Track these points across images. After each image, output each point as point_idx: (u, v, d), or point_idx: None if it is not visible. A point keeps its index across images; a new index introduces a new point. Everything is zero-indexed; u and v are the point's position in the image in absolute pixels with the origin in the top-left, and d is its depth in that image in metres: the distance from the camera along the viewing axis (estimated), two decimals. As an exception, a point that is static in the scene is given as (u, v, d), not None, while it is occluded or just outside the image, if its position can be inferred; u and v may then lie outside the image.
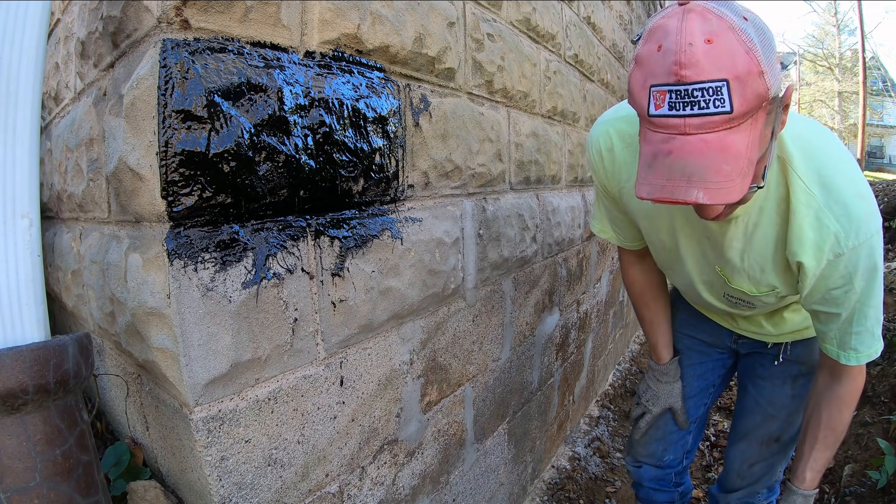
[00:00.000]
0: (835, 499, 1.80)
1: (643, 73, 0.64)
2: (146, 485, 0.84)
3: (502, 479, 1.61)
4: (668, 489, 1.40)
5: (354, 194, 0.89)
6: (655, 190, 0.64)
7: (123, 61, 0.72)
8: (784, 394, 1.15)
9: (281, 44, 0.75)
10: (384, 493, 1.04)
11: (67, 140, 1.02)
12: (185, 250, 0.64)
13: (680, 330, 1.30)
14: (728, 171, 0.61)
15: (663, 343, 1.26)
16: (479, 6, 1.27)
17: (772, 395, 1.17)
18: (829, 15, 22.60)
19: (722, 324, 1.23)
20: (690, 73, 0.59)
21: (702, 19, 0.59)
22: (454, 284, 1.20)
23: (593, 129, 1.02)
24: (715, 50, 0.58)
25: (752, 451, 1.22)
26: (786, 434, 1.18)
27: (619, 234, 1.16)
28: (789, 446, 1.21)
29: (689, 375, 1.29)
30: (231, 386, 0.71)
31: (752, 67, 0.58)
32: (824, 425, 0.96)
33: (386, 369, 1.00)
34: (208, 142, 0.65)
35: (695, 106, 0.59)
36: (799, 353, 1.13)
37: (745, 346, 1.22)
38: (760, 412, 1.19)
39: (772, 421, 1.18)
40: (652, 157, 0.65)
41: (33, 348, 0.65)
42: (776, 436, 1.18)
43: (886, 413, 2.07)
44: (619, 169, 0.99)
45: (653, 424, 1.30)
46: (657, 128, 0.64)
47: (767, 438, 1.19)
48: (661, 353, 1.27)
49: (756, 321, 1.14)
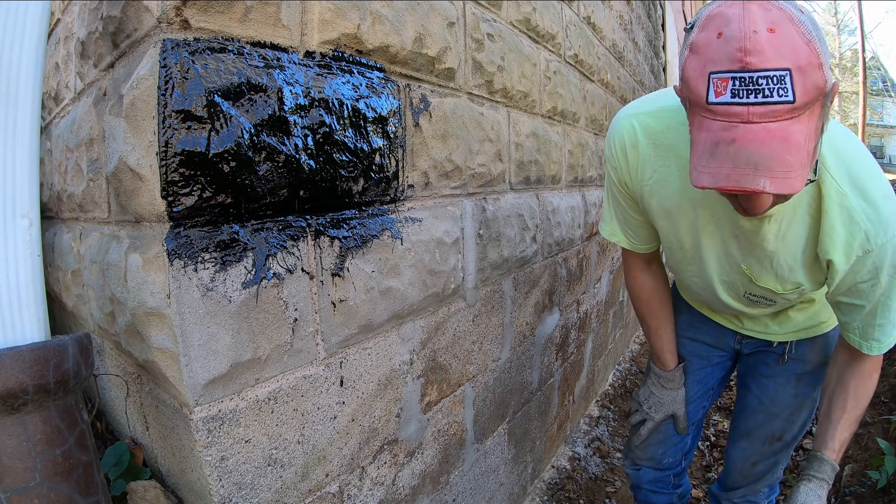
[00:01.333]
0: (835, 499, 1.80)
1: (701, 60, 0.63)
2: (146, 485, 0.84)
3: (502, 479, 1.61)
4: (667, 491, 1.40)
5: (354, 194, 0.89)
6: (720, 179, 0.63)
7: (123, 61, 0.72)
8: (787, 392, 1.15)
9: (281, 44, 0.75)
10: (384, 493, 1.04)
11: (67, 140, 1.02)
12: (185, 250, 0.64)
13: (682, 334, 1.28)
14: (791, 161, 0.61)
15: (669, 349, 1.24)
16: (479, 6, 1.27)
17: (775, 394, 1.17)
18: (829, 15, 22.61)
19: (726, 325, 1.23)
20: (755, 61, 0.59)
21: (763, 9, 0.60)
22: (454, 284, 1.20)
23: (615, 124, 0.99)
24: (778, 39, 0.58)
25: (755, 450, 1.22)
26: (788, 433, 1.18)
27: (631, 237, 1.12)
28: (791, 445, 1.21)
29: (689, 381, 1.28)
30: (231, 386, 0.71)
31: (813, 59, 0.59)
32: (851, 395, 0.96)
33: (386, 369, 1.00)
34: (208, 142, 0.65)
35: (759, 94, 0.59)
36: (803, 351, 1.14)
37: (749, 345, 1.22)
38: (763, 411, 1.19)
39: (775, 419, 1.18)
40: (713, 146, 0.64)
41: (33, 348, 0.65)
42: (779, 434, 1.18)
43: (886, 413, 2.07)
44: (643, 165, 0.97)
45: (654, 431, 1.29)
46: (717, 116, 0.63)
47: (770, 437, 1.19)
48: (667, 359, 1.24)
49: (762, 321, 1.14)
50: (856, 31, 17.94)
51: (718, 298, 1.07)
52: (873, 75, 25.11)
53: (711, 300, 1.13)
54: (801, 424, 1.18)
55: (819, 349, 1.13)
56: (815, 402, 1.18)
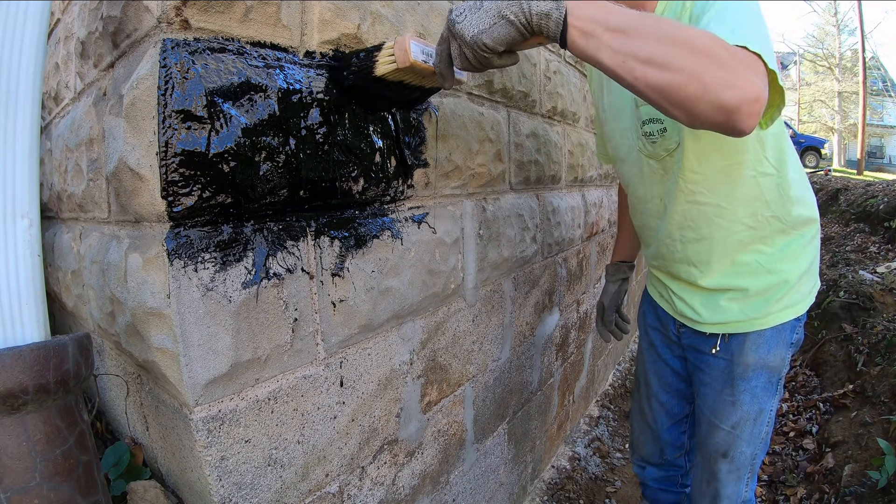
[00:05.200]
0: (835, 499, 1.80)
1: None
2: (146, 485, 0.84)
3: (502, 479, 1.61)
4: (674, 490, 1.40)
5: (354, 194, 0.89)
6: None
7: (123, 61, 0.72)
8: (724, 400, 1.09)
9: (281, 44, 0.75)
10: (384, 493, 1.04)
11: (67, 140, 1.02)
12: (185, 250, 0.64)
13: (643, 321, 1.38)
14: None
15: (618, 248, 1.53)
16: (479, 6, 1.26)
17: (713, 403, 1.11)
18: (829, 15, 22.60)
19: (665, 308, 1.24)
20: None
21: None
22: (454, 284, 1.20)
23: None
24: None
25: (706, 467, 1.16)
26: (734, 449, 1.09)
27: (602, 150, 1.33)
28: (742, 469, 1.11)
29: (657, 410, 1.35)
30: (231, 386, 0.71)
31: None
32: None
33: (386, 369, 1.00)
34: (208, 142, 0.65)
35: None
36: (735, 348, 1.07)
37: (687, 335, 1.18)
38: (705, 421, 1.14)
39: (717, 431, 1.11)
40: None
41: (33, 348, 0.65)
42: (723, 450, 1.11)
43: (886, 413, 2.07)
44: (590, 75, 1.27)
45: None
46: None
47: (714, 452, 1.12)
48: (614, 255, 1.53)
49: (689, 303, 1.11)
50: (856, 31, 17.93)
51: (634, 157, 1.12)
52: (873, 75, 25.10)
53: (630, 174, 1.17)
54: (748, 441, 1.09)
55: (752, 348, 1.05)
56: (763, 423, 1.09)
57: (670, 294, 1.18)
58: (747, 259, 1.03)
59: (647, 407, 1.37)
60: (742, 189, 0.98)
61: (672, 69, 0.60)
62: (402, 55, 0.77)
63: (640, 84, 0.63)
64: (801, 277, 1.04)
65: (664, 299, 1.23)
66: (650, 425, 1.37)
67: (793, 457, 2.21)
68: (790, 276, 1.03)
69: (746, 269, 1.03)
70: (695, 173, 0.98)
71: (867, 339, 2.67)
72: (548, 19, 0.63)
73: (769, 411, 1.09)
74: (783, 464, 2.17)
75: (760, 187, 0.98)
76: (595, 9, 0.62)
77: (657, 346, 1.31)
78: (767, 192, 0.98)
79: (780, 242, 1.03)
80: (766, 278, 1.03)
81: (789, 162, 1.00)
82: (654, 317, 1.31)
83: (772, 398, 1.08)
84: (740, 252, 1.03)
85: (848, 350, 2.74)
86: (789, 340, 1.05)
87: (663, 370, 1.30)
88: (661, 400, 1.33)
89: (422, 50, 0.79)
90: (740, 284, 1.04)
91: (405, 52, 0.77)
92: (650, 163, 1.07)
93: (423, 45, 0.79)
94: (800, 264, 1.04)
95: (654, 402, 1.34)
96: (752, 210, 0.99)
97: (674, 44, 0.60)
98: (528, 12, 0.63)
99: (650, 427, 1.37)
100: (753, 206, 0.99)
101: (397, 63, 0.79)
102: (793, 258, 1.04)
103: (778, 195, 0.99)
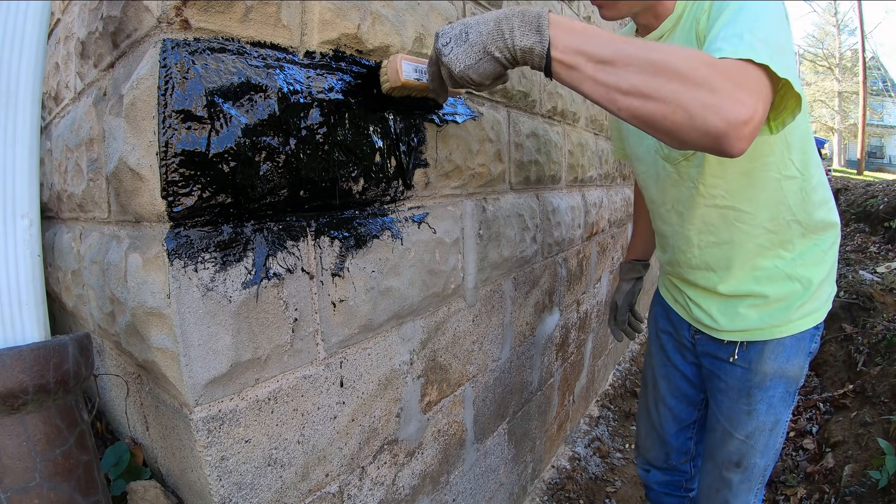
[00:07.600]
0: (835, 499, 1.80)
1: None
2: (146, 485, 0.84)
3: (502, 479, 1.61)
4: (678, 494, 1.40)
5: (354, 194, 0.89)
6: None
7: (123, 61, 0.72)
8: (740, 409, 1.07)
9: (281, 44, 0.76)
10: (384, 493, 1.04)
11: (67, 140, 1.02)
12: (185, 250, 0.64)
13: (655, 325, 1.36)
14: None
15: (632, 245, 1.52)
16: (479, 6, 1.27)
17: (729, 410, 1.09)
18: (829, 15, 22.61)
19: (681, 313, 1.21)
20: None
21: None
22: (454, 284, 1.20)
23: None
24: None
25: (716, 475, 1.14)
26: (747, 459, 1.08)
27: (619, 147, 1.30)
28: (754, 479, 1.10)
29: (665, 415, 1.33)
30: (231, 386, 0.71)
31: None
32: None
33: (386, 369, 1.00)
34: (208, 142, 0.65)
35: None
36: (753, 357, 1.05)
37: (702, 341, 1.16)
38: (720, 428, 1.13)
39: (731, 440, 1.09)
40: None
41: (33, 348, 0.65)
42: (736, 459, 1.09)
43: (886, 413, 2.07)
44: None
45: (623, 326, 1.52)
46: None
47: (727, 461, 1.11)
48: (629, 253, 1.53)
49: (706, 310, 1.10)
50: (856, 31, 17.94)
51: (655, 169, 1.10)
52: (873, 75, 25.11)
53: (648, 185, 1.15)
54: (762, 452, 1.07)
55: (771, 357, 1.03)
56: (778, 434, 1.08)
57: (686, 299, 1.16)
58: (767, 264, 1.00)
59: (655, 411, 1.35)
60: (765, 192, 0.95)
61: (655, 98, 0.59)
62: (394, 75, 0.82)
63: (623, 115, 0.62)
64: (820, 284, 1.02)
65: (679, 304, 1.21)
66: (657, 430, 1.35)
67: (793, 457, 2.21)
68: (810, 283, 1.00)
69: (766, 274, 1.01)
70: (716, 177, 0.96)
71: (867, 339, 2.67)
72: (531, 54, 0.64)
73: (784, 422, 1.07)
74: (783, 464, 2.17)
75: (784, 190, 0.95)
76: (579, 39, 0.62)
77: (668, 350, 1.29)
78: (790, 195, 0.96)
79: (800, 247, 1.00)
80: (786, 284, 1.00)
81: (813, 164, 0.97)
82: (667, 321, 1.29)
83: (788, 409, 1.06)
84: (760, 257, 1.00)
85: (848, 350, 2.74)
86: (808, 349, 1.03)
87: (673, 375, 1.29)
88: (669, 405, 1.31)
89: (415, 68, 0.82)
90: (760, 291, 1.01)
91: (396, 72, 0.81)
92: (665, 166, 1.04)
93: (416, 63, 0.82)
94: (820, 270, 1.01)
95: (662, 406, 1.33)
96: (774, 214, 0.97)
97: (656, 72, 0.59)
98: (512, 48, 0.65)
99: (657, 431, 1.36)
100: (775, 209, 0.96)
101: (390, 83, 0.82)
102: (813, 264, 1.01)
103: (801, 199, 0.96)
